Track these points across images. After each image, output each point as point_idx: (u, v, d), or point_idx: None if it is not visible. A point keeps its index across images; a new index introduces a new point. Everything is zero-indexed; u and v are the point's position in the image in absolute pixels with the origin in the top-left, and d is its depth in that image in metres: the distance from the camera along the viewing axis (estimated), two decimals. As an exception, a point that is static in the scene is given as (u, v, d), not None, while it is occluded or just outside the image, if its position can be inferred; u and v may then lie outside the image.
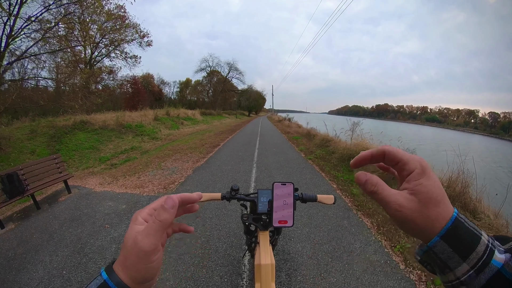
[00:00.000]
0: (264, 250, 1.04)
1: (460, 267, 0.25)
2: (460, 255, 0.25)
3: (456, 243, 0.25)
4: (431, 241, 0.26)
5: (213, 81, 43.22)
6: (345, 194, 3.89)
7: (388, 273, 2.10)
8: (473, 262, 0.24)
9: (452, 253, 0.25)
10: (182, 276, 2.04)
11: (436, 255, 0.26)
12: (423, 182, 0.27)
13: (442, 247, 0.25)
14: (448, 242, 0.25)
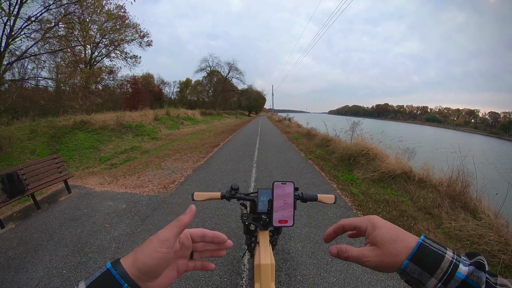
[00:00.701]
0: (264, 250, 1.04)
1: (429, 281, 0.30)
2: (428, 272, 0.30)
3: (423, 263, 0.31)
4: (403, 264, 0.32)
5: (213, 81, 43.23)
6: (345, 194, 3.89)
7: (388, 273, 2.10)
8: (440, 276, 0.29)
9: (421, 271, 0.30)
10: (182, 276, 2.03)
11: (409, 274, 0.31)
12: (375, 233, 0.36)
13: (412, 268, 0.31)
14: (416, 263, 0.31)
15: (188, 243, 0.38)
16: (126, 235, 2.64)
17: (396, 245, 0.33)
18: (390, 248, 0.33)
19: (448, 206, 3.19)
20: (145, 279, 0.32)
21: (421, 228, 2.80)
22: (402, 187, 4.05)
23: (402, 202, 3.51)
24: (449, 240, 2.62)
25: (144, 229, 2.77)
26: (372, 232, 0.36)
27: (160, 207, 3.34)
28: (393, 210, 3.26)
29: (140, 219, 2.99)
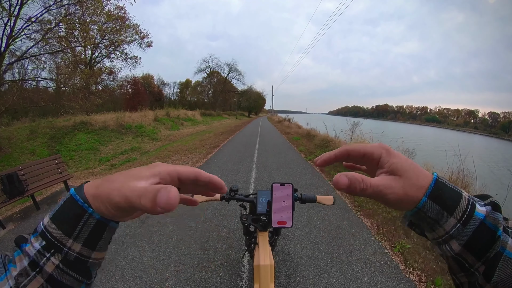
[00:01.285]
0: (263, 251, 1.04)
1: (448, 221, 0.27)
2: (447, 211, 0.27)
3: (442, 201, 0.27)
4: (420, 202, 0.28)
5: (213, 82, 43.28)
6: (345, 195, 3.88)
7: (388, 274, 2.10)
8: (459, 215, 0.27)
9: (440, 210, 0.27)
10: (182, 277, 2.03)
11: (426, 214, 0.28)
12: (393, 160, 0.29)
13: (430, 206, 0.27)
14: (434, 201, 0.27)
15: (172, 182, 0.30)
16: (126, 237, 2.64)
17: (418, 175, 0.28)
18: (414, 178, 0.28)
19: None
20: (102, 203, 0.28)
21: (421, 229, 2.80)
22: (402, 188, 4.05)
23: (402, 203, 3.50)
24: (449, 241, 2.62)
25: (144, 230, 2.77)
26: (388, 159, 0.30)
27: (160, 208, 3.33)
28: (393, 211, 3.26)
29: (140, 220, 2.99)
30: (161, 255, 2.32)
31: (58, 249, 0.26)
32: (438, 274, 2.11)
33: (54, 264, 0.26)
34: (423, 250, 2.44)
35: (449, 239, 0.27)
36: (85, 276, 0.28)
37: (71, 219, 0.26)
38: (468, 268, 0.27)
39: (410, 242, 2.56)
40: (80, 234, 0.26)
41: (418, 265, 2.22)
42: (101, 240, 0.28)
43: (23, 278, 0.25)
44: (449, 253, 0.28)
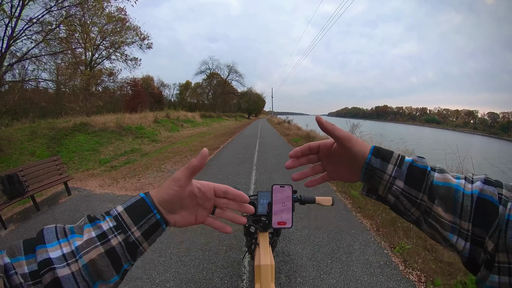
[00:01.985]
0: (264, 251, 1.05)
1: (388, 167, 0.37)
2: (386, 160, 0.37)
3: (381, 155, 0.38)
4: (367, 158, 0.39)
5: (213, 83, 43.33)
6: (344, 196, 3.90)
7: (387, 274, 2.11)
8: (394, 161, 0.37)
9: (380, 161, 0.38)
10: (183, 278, 2.04)
11: (372, 166, 0.38)
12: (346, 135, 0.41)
13: (374, 160, 0.38)
14: (376, 156, 0.38)
15: (210, 194, 0.42)
16: (126, 237, 2.64)
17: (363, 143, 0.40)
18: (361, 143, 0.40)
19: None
20: (165, 209, 0.38)
21: (421, 230, 2.81)
22: (402, 189, 4.06)
23: (401, 204, 3.51)
24: (448, 242, 2.63)
25: (144, 231, 2.77)
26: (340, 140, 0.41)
27: (160, 209, 3.34)
28: (393, 212, 3.26)
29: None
30: (162, 256, 2.32)
31: (124, 231, 0.34)
32: (438, 274, 2.12)
33: (118, 240, 0.34)
34: (423, 251, 2.45)
35: (394, 180, 0.37)
36: (132, 258, 0.35)
37: (140, 213, 0.36)
38: (415, 200, 0.35)
39: (410, 243, 2.57)
40: (143, 226, 0.36)
41: (417, 265, 2.23)
42: (153, 235, 0.37)
43: (87, 246, 0.32)
44: (398, 191, 0.37)
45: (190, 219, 0.42)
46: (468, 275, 2.11)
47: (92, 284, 0.32)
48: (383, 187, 0.38)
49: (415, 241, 2.62)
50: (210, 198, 0.43)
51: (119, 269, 0.34)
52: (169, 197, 0.37)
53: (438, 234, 0.35)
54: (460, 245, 0.33)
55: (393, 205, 0.40)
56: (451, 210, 0.33)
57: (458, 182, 0.34)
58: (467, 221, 0.32)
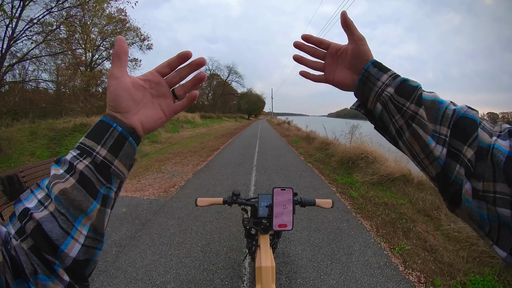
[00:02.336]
0: (265, 253, 1.07)
1: (383, 76, 0.40)
2: (382, 71, 0.40)
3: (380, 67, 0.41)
4: (366, 65, 0.41)
5: (213, 84, 43.40)
6: (344, 197, 3.91)
7: (387, 275, 2.12)
8: (389, 74, 0.40)
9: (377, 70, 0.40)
10: (183, 279, 2.05)
11: (369, 72, 0.41)
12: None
13: (372, 68, 0.41)
14: (375, 66, 0.41)
15: (156, 78, 0.39)
16: (127, 239, 2.65)
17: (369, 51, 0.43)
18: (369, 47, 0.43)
19: (447, 208, 3.21)
20: (120, 115, 0.35)
21: (420, 230, 2.82)
22: (401, 190, 4.08)
23: (401, 205, 3.53)
24: (448, 241, 2.64)
25: (145, 233, 2.78)
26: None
27: (161, 211, 3.35)
28: (392, 213, 3.28)
29: (140, 223, 3.00)
30: (162, 257, 2.33)
31: (88, 154, 0.32)
32: (437, 275, 2.13)
33: (85, 164, 0.32)
34: (422, 252, 2.46)
35: (385, 87, 0.39)
36: (106, 180, 0.33)
37: (100, 132, 0.34)
38: (401, 106, 0.37)
39: (409, 244, 2.58)
40: (106, 142, 0.33)
41: (417, 266, 2.24)
42: (122, 151, 0.34)
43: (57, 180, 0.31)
44: (387, 96, 0.38)
45: (156, 114, 0.39)
46: (468, 275, 2.12)
47: (73, 219, 0.30)
48: (374, 94, 0.40)
49: (415, 242, 2.63)
50: (159, 82, 0.39)
51: (96, 195, 0.32)
52: (112, 95, 0.35)
53: (418, 141, 0.36)
54: (437, 150, 0.34)
55: (378, 118, 0.42)
56: (433, 120, 0.35)
57: (444, 100, 0.37)
58: (446, 127, 0.35)
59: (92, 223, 0.32)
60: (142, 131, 0.38)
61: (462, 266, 2.24)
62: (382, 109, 0.40)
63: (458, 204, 0.34)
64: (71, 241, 0.30)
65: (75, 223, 0.30)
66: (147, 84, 0.38)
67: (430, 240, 2.63)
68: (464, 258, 2.35)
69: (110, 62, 0.37)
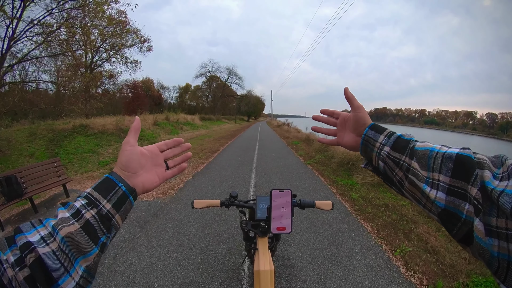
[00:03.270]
0: (263, 256, 1.04)
1: (380, 137, 0.47)
2: (379, 133, 0.48)
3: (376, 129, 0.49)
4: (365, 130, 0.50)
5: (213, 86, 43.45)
6: (344, 199, 3.88)
7: (389, 277, 2.09)
8: (385, 134, 0.47)
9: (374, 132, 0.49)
10: (182, 282, 2.02)
11: (368, 136, 0.49)
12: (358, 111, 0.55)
13: (370, 132, 0.49)
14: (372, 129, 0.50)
15: (156, 151, 0.50)
16: (125, 241, 2.62)
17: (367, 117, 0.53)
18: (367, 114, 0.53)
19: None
20: (127, 175, 0.43)
21: (422, 231, 2.79)
22: (402, 192, 4.05)
23: (402, 206, 3.50)
24: (450, 242, 2.61)
25: (143, 235, 2.75)
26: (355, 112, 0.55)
27: (159, 213, 3.32)
28: (393, 214, 3.25)
29: (139, 225, 2.97)
30: (160, 260, 2.30)
31: (95, 205, 0.38)
32: (440, 276, 2.10)
33: (91, 214, 0.37)
34: (424, 253, 2.43)
35: (383, 147, 0.46)
36: (107, 230, 0.38)
37: (107, 189, 0.40)
38: (398, 161, 0.43)
39: (411, 245, 2.55)
40: (112, 198, 0.39)
41: (419, 268, 2.21)
42: (123, 207, 0.41)
43: (63, 223, 0.34)
44: (385, 154, 0.45)
45: (153, 179, 0.48)
46: (471, 276, 2.09)
47: (73, 259, 0.34)
48: (375, 154, 0.47)
49: (416, 244, 2.60)
50: (158, 154, 0.51)
51: (97, 241, 0.36)
52: (126, 158, 0.44)
53: (416, 188, 0.40)
54: (432, 194, 0.37)
55: (383, 173, 0.47)
56: (425, 168, 0.39)
57: (435, 146, 0.40)
58: (438, 172, 0.37)
59: (88, 265, 0.36)
60: (141, 191, 0.46)
61: (464, 268, 2.21)
62: (384, 165, 0.46)
63: (469, 242, 0.34)
64: (68, 278, 0.33)
65: (74, 263, 0.34)
66: (150, 153, 0.49)
67: (432, 242, 2.60)
68: (466, 259, 2.33)
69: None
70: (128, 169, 0.43)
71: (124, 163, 0.43)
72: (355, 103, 0.53)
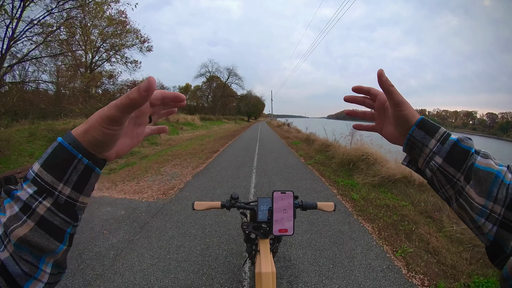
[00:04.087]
0: (265, 258, 1.03)
1: (430, 142, 0.37)
2: (429, 135, 0.38)
3: (426, 129, 0.38)
4: (410, 129, 0.39)
5: (213, 86, 43.47)
6: (345, 200, 3.87)
7: (390, 278, 2.07)
8: (438, 137, 0.37)
9: (424, 134, 0.38)
10: (182, 284, 2.00)
11: (415, 138, 0.39)
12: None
13: (417, 132, 0.38)
14: (421, 129, 0.38)
15: (146, 109, 0.37)
16: (124, 242, 2.60)
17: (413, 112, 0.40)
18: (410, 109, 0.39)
19: (449, 210, 3.18)
20: (98, 150, 0.31)
21: (423, 232, 2.79)
22: (403, 192, 4.05)
23: (403, 207, 3.49)
24: (451, 243, 2.60)
25: (143, 236, 2.74)
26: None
27: (159, 214, 3.30)
28: (394, 215, 3.24)
29: (139, 226, 2.96)
30: (161, 261, 2.29)
31: (49, 193, 0.28)
32: (441, 277, 2.09)
33: (46, 207, 0.28)
34: (425, 254, 2.42)
35: (433, 156, 0.37)
36: (73, 219, 0.31)
37: (62, 164, 0.29)
38: (451, 178, 0.35)
39: (412, 246, 2.54)
40: (70, 178, 0.29)
41: (420, 269, 2.20)
42: (87, 185, 0.31)
43: (13, 223, 0.27)
44: (435, 166, 0.37)
45: (131, 142, 0.37)
46: (472, 277, 2.08)
47: (37, 260, 0.28)
48: (423, 160, 0.39)
49: (417, 244, 2.59)
50: (146, 112, 0.37)
51: (62, 237, 0.30)
52: (107, 139, 0.30)
53: (467, 214, 0.35)
54: (486, 227, 0.33)
55: (430, 179, 0.40)
56: (484, 194, 0.33)
57: (500, 169, 0.33)
58: (500, 206, 0.32)
59: (55, 261, 0.31)
60: (113, 158, 0.35)
61: (466, 268, 2.20)
62: (431, 175, 0.38)
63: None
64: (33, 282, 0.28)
65: (39, 264, 0.29)
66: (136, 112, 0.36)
67: (433, 242, 2.59)
68: (468, 260, 2.32)
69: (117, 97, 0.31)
70: (102, 149, 0.31)
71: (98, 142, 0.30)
72: (394, 97, 0.38)
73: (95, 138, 0.30)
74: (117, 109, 0.28)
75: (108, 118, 0.29)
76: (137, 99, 0.28)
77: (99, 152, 0.32)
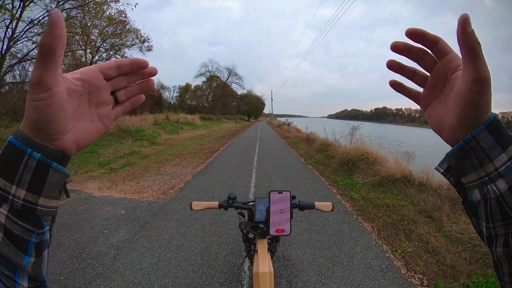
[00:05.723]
0: (262, 258, 1.03)
1: (499, 157, 0.25)
2: (501, 146, 0.25)
3: (498, 134, 0.25)
4: (476, 129, 0.26)
5: (213, 86, 43.47)
6: (345, 199, 3.88)
7: (389, 278, 2.08)
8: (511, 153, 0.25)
9: (494, 143, 0.25)
10: (182, 283, 2.01)
11: (479, 143, 0.26)
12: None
13: (485, 136, 0.25)
14: (490, 132, 0.25)
15: (98, 80, 0.30)
16: (125, 242, 2.61)
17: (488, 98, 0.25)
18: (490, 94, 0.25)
19: (449, 209, 3.19)
20: (48, 137, 0.26)
21: (422, 232, 2.79)
22: (402, 191, 4.05)
23: (402, 206, 3.50)
24: (450, 243, 2.60)
25: (143, 235, 2.74)
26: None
27: (159, 213, 3.31)
28: (394, 215, 3.25)
29: (139, 225, 2.97)
30: (160, 260, 2.29)
31: (3, 199, 0.25)
32: (440, 277, 2.10)
33: (4, 214, 0.25)
34: (425, 254, 2.43)
35: (496, 178, 0.25)
36: (35, 226, 0.27)
37: (12, 164, 0.25)
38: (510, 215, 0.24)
39: (411, 246, 2.54)
40: (23, 178, 0.25)
41: (419, 268, 2.21)
42: (46, 184, 0.26)
43: None
44: (494, 193, 0.25)
45: (94, 127, 0.31)
46: (471, 277, 2.08)
47: (13, 274, 0.26)
48: (477, 177, 0.27)
49: (417, 244, 2.60)
50: (101, 86, 0.31)
51: (26, 248, 0.26)
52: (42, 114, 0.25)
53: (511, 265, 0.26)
54: None
55: (472, 203, 0.28)
56: None
57: None
58: None
59: (30, 275, 0.28)
60: (75, 150, 0.30)
61: (465, 268, 2.21)
62: (480, 201, 0.27)
63: None
64: None
65: (15, 277, 0.26)
66: (85, 86, 0.29)
67: (432, 242, 2.60)
68: (467, 260, 2.32)
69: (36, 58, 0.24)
70: (45, 131, 0.26)
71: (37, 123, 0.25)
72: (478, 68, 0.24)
73: (29, 120, 0.25)
74: (35, 68, 0.24)
75: (31, 85, 0.24)
76: (47, 40, 0.23)
77: (48, 140, 0.27)
